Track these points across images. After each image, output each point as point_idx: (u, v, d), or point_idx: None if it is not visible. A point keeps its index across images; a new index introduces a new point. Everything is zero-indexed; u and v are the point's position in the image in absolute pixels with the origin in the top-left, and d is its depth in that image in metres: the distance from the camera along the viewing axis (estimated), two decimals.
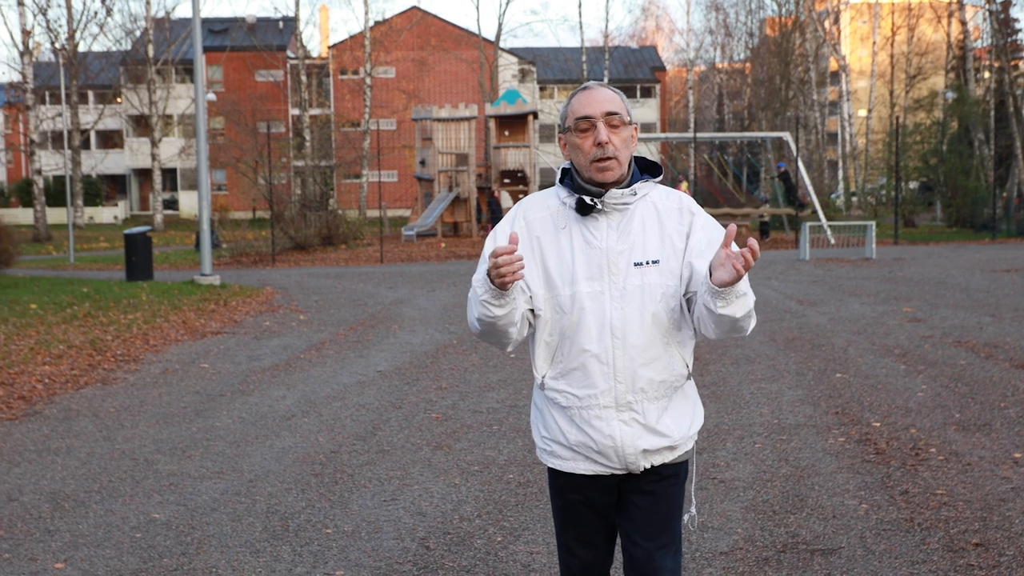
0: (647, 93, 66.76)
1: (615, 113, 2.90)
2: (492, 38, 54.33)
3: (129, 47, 53.00)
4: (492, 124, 38.45)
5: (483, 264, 2.88)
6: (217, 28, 62.13)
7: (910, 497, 5.58)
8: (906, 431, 7.08)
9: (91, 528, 5.34)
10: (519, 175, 38.09)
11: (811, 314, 13.60)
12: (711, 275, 2.73)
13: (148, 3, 47.97)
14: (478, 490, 5.89)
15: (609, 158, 2.87)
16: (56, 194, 52.49)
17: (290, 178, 44.20)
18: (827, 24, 55.80)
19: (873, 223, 25.30)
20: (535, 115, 39.35)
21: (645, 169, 3.03)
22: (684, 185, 37.06)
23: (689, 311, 2.93)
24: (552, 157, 53.71)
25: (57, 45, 44.35)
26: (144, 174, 61.11)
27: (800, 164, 30.50)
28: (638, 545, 2.97)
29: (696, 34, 67.09)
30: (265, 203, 31.91)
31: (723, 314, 2.75)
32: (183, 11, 57.38)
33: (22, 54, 40.66)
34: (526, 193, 38.22)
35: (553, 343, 2.94)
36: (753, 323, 2.89)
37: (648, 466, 2.94)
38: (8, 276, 21.43)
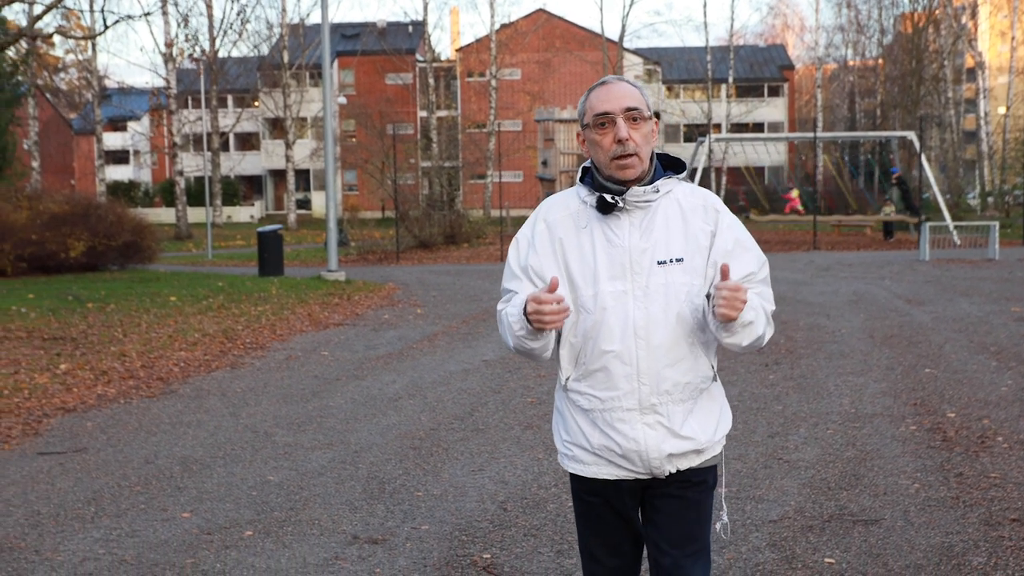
0: (774, 92, 66.04)
1: (635, 108, 2.83)
2: (616, 39, 54.63)
3: (266, 53, 55.09)
4: None
5: (508, 280, 2.97)
6: (349, 33, 64.01)
7: (963, 479, 5.90)
8: (978, 421, 7.34)
9: (214, 486, 6.08)
10: None
11: (916, 313, 13.70)
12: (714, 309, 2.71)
13: (283, 10, 49.88)
14: (559, 464, 6.42)
15: (630, 155, 2.81)
16: (197, 194, 54.89)
17: (417, 179, 45.41)
18: (964, 19, 54.38)
19: (996, 223, 24.86)
20: (657, 115, 39.59)
21: (668, 165, 2.96)
22: (794, 193, 36.66)
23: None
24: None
25: (196, 53, 46.45)
26: (279, 175, 63.40)
27: (925, 162, 30.03)
28: (666, 554, 2.90)
29: (826, 31, 66.02)
30: (393, 203, 33.01)
31: (729, 343, 2.78)
32: (316, 17, 59.10)
33: (166, 61, 42.77)
34: None
35: (577, 344, 2.88)
36: (769, 335, 2.87)
37: (673, 470, 2.86)
38: (151, 271, 22.87)
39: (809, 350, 10.78)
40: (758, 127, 63.51)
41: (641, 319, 2.79)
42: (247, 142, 66.82)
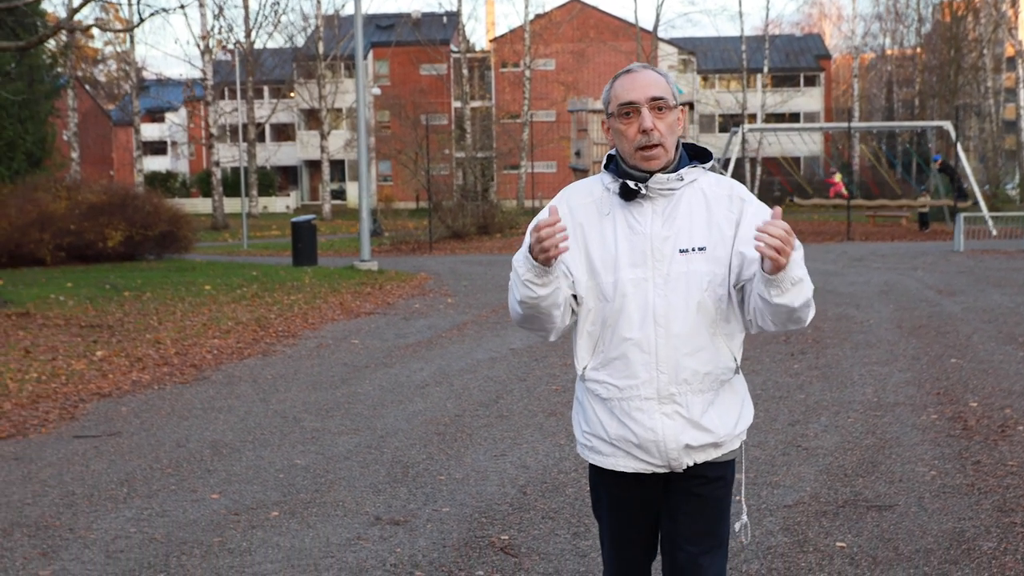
0: (810, 82, 65.59)
1: (660, 98, 2.79)
2: (650, 29, 54.49)
3: (301, 44, 55.44)
4: None
5: (524, 247, 2.86)
6: (384, 24, 64.28)
7: (980, 467, 5.95)
8: (1000, 411, 7.37)
9: (243, 469, 6.24)
10: None
11: (946, 303, 13.66)
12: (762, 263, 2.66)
13: (318, 2, 50.14)
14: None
15: (655, 145, 2.78)
16: (233, 184, 55.38)
17: (451, 169, 45.58)
18: (1003, 7, 53.75)
19: None
20: (691, 106, 39.60)
21: (695, 156, 2.92)
22: (837, 177, 36.42)
23: (741, 303, 2.85)
24: (713, 149, 53.54)
25: (231, 45, 46.83)
26: (314, 165, 63.82)
27: (962, 152, 29.79)
28: (682, 549, 2.89)
29: (863, 19, 65.52)
30: (426, 193, 33.22)
31: (779, 303, 2.67)
32: (351, 8, 59.43)
33: (202, 53, 43.16)
34: None
35: (595, 332, 2.86)
36: (811, 313, 2.80)
37: (691, 463, 2.84)
38: (187, 260, 23.17)
39: (836, 340, 10.81)
40: (794, 117, 63.13)
41: (661, 307, 2.77)
42: (283, 133, 67.29)
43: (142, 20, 18.55)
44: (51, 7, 43.29)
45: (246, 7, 48.15)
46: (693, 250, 2.78)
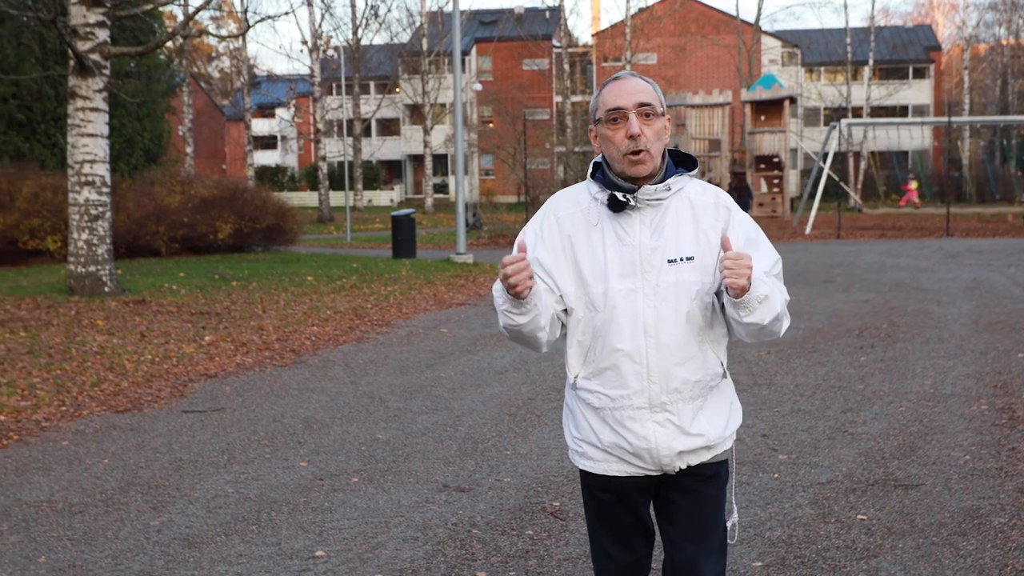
0: (919, 74, 64.38)
1: (648, 104, 2.82)
2: (752, 22, 54.20)
3: (406, 41, 56.60)
4: (748, 109, 38.79)
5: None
6: (487, 19, 65.17)
7: (1015, 453, 6.28)
8: None
9: (330, 442, 6.91)
10: (774, 160, 38.28)
11: None
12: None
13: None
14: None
15: (642, 151, 2.80)
16: (339, 178, 56.86)
17: (552, 163, 46.12)
18: None
19: None
20: (792, 100, 39.37)
21: (680, 163, 2.95)
22: (913, 184, 35.86)
23: (723, 311, 2.88)
24: (811, 143, 53.09)
25: (339, 42, 48.14)
26: (418, 160, 65.11)
27: None
28: (682, 549, 2.93)
29: (977, 9, 63.96)
30: (524, 187, 33.86)
31: (749, 322, 2.75)
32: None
33: (311, 51, 44.51)
34: (780, 179, 38.40)
35: (586, 342, 2.89)
36: (786, 325, 2.86)
37: (684, 466, 2.88)
38: (292, 252, 24.20)
39: (908, 334, 11.06)
40: (902, 110, 62.11)
41: (651, 318, 2.79)
42: (388, 128, 68.71)
43: (248, 27, 19.49)
44: (169, 6, 44.99)
45: (352, 5, 49.41)
46: (681, 260, 2.82)
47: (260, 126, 70.37)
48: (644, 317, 2.79)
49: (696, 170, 2.94)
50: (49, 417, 7.77)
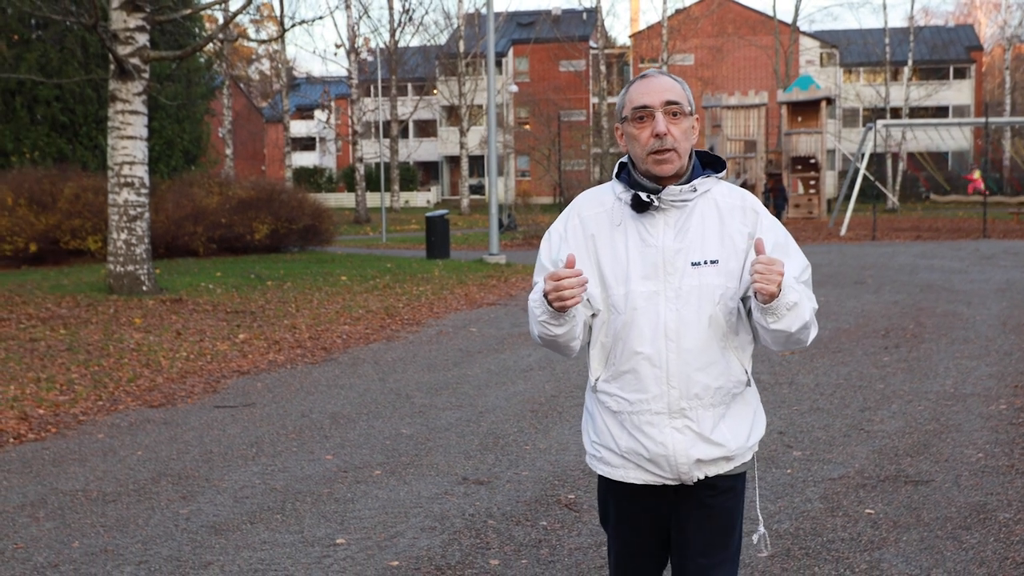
0: (960, 74, 63.81)
1: (675, 102, 2.76)
2: (790, 23, 54.00)
3: (443, 43, 56.93)
4: (784, 110, 38.69)
5: (539, 273, 2.87)
6: (524, 21, 65.38)
7: None
8: None
9: (355, 436, 7.10)
10: (811, 161, 38.17)
11: None
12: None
13: (460, 1, 51.46)
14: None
15: (668, 150, 2.74)
16: (377, 180, 57.27)
17: (588, 164, 46.28)
18: None
19: None
20: (829, 101, 39.25)
21: (708, 164, 2.88)
22: (976, 174, 35.67)
23: (749, 314, 2.80)
24: (850, 144, 52.79)
25: (372, 44, 48.50)
26: (454, 161, 65.43)
27: None
28: (692, 561, 2.89)
29: (1021, 8, 63.19)
30: (559, 188, 33.99)
31: (776, 329, 2.67)
32: (493, 6, 60.62)
33: (348, 52, 44.90)
34: (817, 180, 38.28)
35: (608, 344, 2.83)
36: (813, 334, 2.78)
37: (702, 476, 2.81)
38: (327, 253, 24.50)
39: (935, 335, 11.10)
40: (942, 111, 61.60)
41: (672, 321, 2.73)
42: (425, 129, 69.09)
43: (284, 31, 19.75)
44: (210, 9, 45.57)
45: (390, 7, 49.78)
46: (705, 263, 2.75)
47: (298, 128, 70.99)
48: (665, 320, 2.73)
49: (724, 172, 2.88)
50: (86, 411, 8.03)
